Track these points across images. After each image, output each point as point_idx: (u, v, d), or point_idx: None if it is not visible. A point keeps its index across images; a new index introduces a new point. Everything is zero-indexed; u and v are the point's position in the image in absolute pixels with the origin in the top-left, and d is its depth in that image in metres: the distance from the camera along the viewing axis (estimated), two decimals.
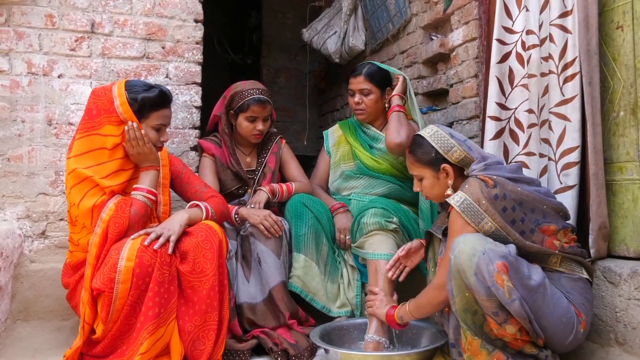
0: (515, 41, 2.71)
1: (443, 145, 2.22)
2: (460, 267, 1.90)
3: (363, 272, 2.86)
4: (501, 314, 1.86)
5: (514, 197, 2.05)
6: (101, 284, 2.13)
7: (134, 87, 2.39)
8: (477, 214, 2.02)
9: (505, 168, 2.17)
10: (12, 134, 2.83)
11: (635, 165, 2.33)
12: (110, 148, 2.34)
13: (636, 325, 2.15)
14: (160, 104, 2.42)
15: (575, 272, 2.10)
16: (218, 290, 2.30)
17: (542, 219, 2.09)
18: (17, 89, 2.85)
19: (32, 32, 2.87)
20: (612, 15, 2.42)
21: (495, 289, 1.83)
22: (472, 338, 1.93)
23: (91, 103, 2.37)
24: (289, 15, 6.82)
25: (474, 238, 1.93)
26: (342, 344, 2.52)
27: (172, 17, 3.10)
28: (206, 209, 2.42)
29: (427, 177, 2.26)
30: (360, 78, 3.04)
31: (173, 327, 2.21)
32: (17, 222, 2.81)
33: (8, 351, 2.45)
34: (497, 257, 1.86)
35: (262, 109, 2.94)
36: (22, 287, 2.74)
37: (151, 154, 2.41)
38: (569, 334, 1.98)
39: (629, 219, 2.35)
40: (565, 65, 2.48)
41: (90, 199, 2.27)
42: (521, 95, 2.67)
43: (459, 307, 1.93)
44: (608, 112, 2.44)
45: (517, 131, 2.66)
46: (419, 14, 3.90)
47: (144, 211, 2.32)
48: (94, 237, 2.24)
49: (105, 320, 2.14)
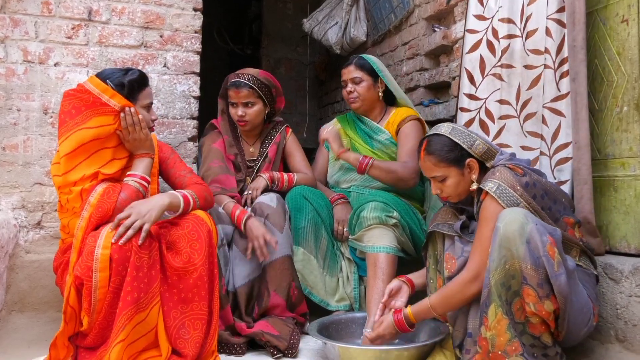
0: (486, 28, 2.72)
1: (466, 140, 2.20)
2: (510, 235, 1.88)
3: (360, 265, 2.87)
4: (545, 287, 1.85)
5: (541, 186, 2.07)
6: (80, 272, 2.12)
7: (113, 75, 2.39)
8: (513, 199, 2.01)
9: (522, 161, 2.18)
10: (7, 123, 2.83)
11: (638, 161, 2.33)
12: (102, 137, 2.33)
13: (637, 322, 2.16)
14: (144, 83, 2.46)
15: (589, 268, 2.12)
16: (207, 280, 2.29)
17: (563, 210, 2.13)
18: (12, 77, 2.85)
19: (28, 20, 2.87)
20: (617, 9, 2.42)
21: (546, 259, 1.83)
22: (502, 316, 1.91)
23: (67, 105, 2.33)
24: (290, 5, 6.82)
25: (524, 210, 1.93)
26: (340, 337, 2.52)
27: (171, 5, 3.09)
28: (184, 196, 2.37)
29: (451, 176, 2.21)
30: (351, 67, 3.06)
31: (157, 313, 2.20)
32: (13, 212, 2.82)
33: (3, 342, 2.46)
34: (547, 232, 1.87)
35: (236, 92, 2.91)
36: (17, 278, 2.75)
37: (146, 140, 2.42)
38: (584, 325, 2.00)
39: (630, 215, 2.36)
40: (562, 61, 2.49)
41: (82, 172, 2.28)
42: (492, 84, 2.68)
43: (496, 280, 1.91)
44: (611, 106, 2.45)
45: (487, 122, 2.68)
46: (421, 5, 3.90)
47: (135, 196, 2.32)
48: (81, 220, 2.23)
49: (89, 311, 2.13)
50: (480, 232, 2.06)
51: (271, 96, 3.02)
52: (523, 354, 1.90)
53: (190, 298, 2.27)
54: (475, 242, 2.07)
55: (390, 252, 2.64)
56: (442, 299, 2.14)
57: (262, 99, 2.98)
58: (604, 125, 2.49)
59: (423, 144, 2.27)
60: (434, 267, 2.33)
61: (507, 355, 1.90)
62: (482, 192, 2.09)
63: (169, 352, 2.20)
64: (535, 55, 2.55)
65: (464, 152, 2.20)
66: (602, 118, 2.49)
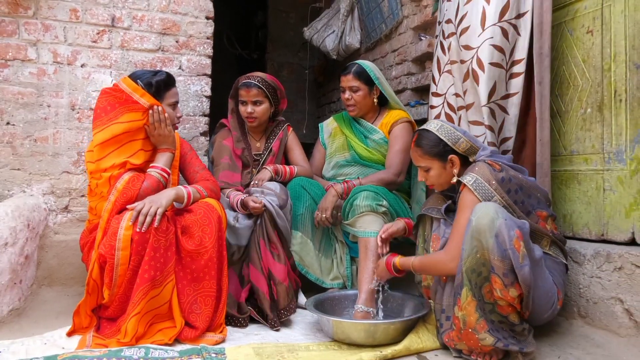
0: (440, 31, 2.73)
1: (451, 137, 2.22)
2: (481, 228, 1.89)
3: (352, 248, 2.88)
4: (510, 276, 1.86)
5: (516, 181, 2.08)
6: (104, 251, 2.14)
7: (143, 77, 2.43)
8: (488, 192, 2.03)
9: (504, 157, 2.20)
10: (38, 117, 2.84)
11: (599, 157, 2.34)
12: (132, 131, 2.36)
13: (597, 300, 2.19)
14: (170, 83, 2.50)
15: (558, 256, 2.14)
16: (217, 261, 2.32)
17: (536, 204, 2.13)
18: (43, 76, 2.85)
19: (58, 25, 2.87)
20: (583, 21, 2.43)
21: (512, 252, 1.84)
22: (472, 299, 1.94)
23: (103, 101, 2.36)
24: (292, 15, 6.81)
25: (496, 205, 1.94)
26: (334, 312, 2.54)
27: (186, 14, 3.09)
28: (187, 191, 2.40)
29: (434, 168, 2.25)
30: (350, 76, 3.05)
31: (171, 289, 2.23)
32: (43, 198, 2.83)
33: (34, 313, 2.47)
34: (515, 226, 1.88)
35: (246, 92, 2.93)
36: (47, 256, 2.76)
37: (170, 136, 2.46)
38: (549, 308, 2.02)
39: (592, 205, 2.37)
40: (513, 63, 2.48)
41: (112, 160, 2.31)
42: (448, 80, 2.69)
43: (467, 266, 1.93)
44: (576, 108, 2.46)
45: (450, 113, 2.68)
46: (409, 16, 3.90)
47: (156, 185, 2.35)
48: (108, 204, 2.26)
49: (110, 286, 2.16)
50: (458, 220, 2.08)
51: (276, 97, 3.04)
52: (489, 330, 1.93)
53: (202, 277, 2.30)
54: (453, 229, 2.10)
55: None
56: (421, 264, 2.22)
57: (268, 99, 2.99)
58: (569, 124, 2.50)
59: (414, 136, 2.32)
60: (422, 246, 2.38)
61: (477, 332, 1.94)
62: (461, 183, 2.11)
63: (182, 324, 2.23)
64: (466, 51, 2.53)
65: (447, 147, 2.22)
66: (568, 118, 2.50)
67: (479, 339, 1.93)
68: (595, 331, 2.17)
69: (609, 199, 2.30)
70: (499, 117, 2.51)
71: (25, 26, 2.81)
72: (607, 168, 2.31)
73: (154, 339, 2.17)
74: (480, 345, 1.94)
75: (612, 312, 2.13)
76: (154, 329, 2.22)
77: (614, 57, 2.27)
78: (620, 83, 2.24)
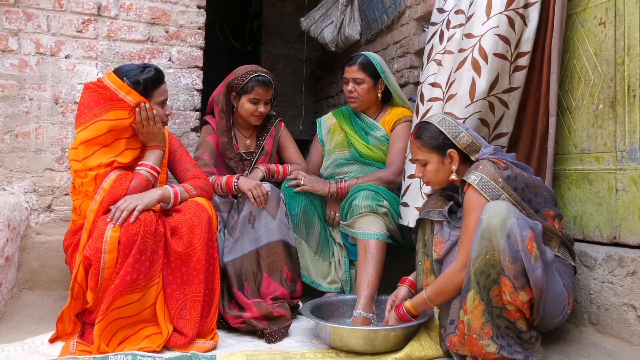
0: (443, 20, 2.71)
1: (452, 130, 2.21)
2: (492, 228, 1.88)
3: (351, 250, 2.87)
4: (521, 279, 1.85)
5: (522, 180, 2.07)
6: (90, 253, 2.13)
7: (130, 72, 2.37)
8: (495, 191, 2.02)
9: (507, 155, 2.19)
10: (20, 112, 2.82)
11: (611, 156, 2.34)
12: (118, 130, 2.34)
13: (609, 306, 2.18)
14: (159, 80, 2.45)
15: (567, 258, 2.13)
16: (205, 264, 2.31)
17: (543, 203, 2.13)
18: (25, 68, 2.83)
19: (41, 14, 2.85)
20: (596, 12, 2.42)
21: (524, 253, 1.83)
22: (480, 302, 1.92)
23: (87, 97, 2.33)
24: (288, 4, 6.79)
25: (508, 204, 1.92)
26: (332, 318, 2.53)
27: (176, 3, 3.08)
28: (174, 191, 2.38)
29: (432, 162, 2.24)
30: (355, 67, 3.03)
31: (156, 293, 2.21)
32: (24, 196, 2.81)
33: (14, 318, 2.46)
34: (527, 226, 1.87)
35: (265, 91, 2.88)
36: (28, 258, 2.75)
37: (159, 133, 2.44)
38: (559, 313, 2.01)
39: (603, 206, 2.37)
40: (518, 55, 2.47)
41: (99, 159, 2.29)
42: (431, 69, 2.68)
43: (476, 268, 1.91)
44: (588, 104, 2.45)
45: (419, 103, 2.67)
46: (412, 6, 3.89)
47: (145, 184, 2.34)
48: (94, 204, 2.24)
49: (95, 289, 2.14)
50: (466, 224, 2.06)
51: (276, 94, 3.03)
52: (494, 337, 1.92)
53: (191, 280, 2.29)
54: (462, 234, 2.08)
55: (380, 239, 2.65)
56: (435, 290, 2.14)
57: None
58: (580, 121, 2.49)
59: (415, 129, 2.31)
60: (422, 251, 2.36)
61: (481, 338, 1.92)
62: (466, 183, 2.10)
63: (170, 331, 2.22)
64: (467, 39, 2.51)
65: (447, 141, 2.21)
66: (579, 115, 2.50)
67: (483, 345, 1.92)
68: (607, 339, 2.17)
69: (621, 200, 2.29)
70: (498, 112, 2.50)
71: (6, 15, 2.79)
72: (619, 167, 2.31)
73: (141, 345, 2.16)
74: (484, 352, 1.93)
75: (624, 319, 2.12)
76: (141, 335, 2.21)
77: (628, 50, 2.26)
78: (635, 78, 2.23)
